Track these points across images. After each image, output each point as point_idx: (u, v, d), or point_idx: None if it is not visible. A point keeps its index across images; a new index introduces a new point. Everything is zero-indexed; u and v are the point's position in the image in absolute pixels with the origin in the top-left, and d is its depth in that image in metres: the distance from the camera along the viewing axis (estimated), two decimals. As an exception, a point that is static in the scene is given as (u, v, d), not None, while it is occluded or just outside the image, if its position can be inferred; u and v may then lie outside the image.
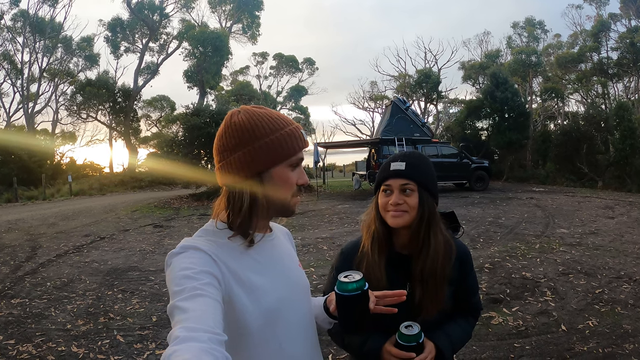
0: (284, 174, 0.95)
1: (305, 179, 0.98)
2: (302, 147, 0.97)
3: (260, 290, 0.91)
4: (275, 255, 1.01)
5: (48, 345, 3.56)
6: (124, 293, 4.92)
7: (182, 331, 0.68)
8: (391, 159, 1.30)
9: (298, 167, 0.97)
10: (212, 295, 0.79)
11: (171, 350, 0.65)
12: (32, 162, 20.54)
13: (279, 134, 0.94)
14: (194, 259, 0.85)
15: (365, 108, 36.87)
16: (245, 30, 33.24)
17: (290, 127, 0.96)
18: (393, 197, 1.24)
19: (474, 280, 1.39)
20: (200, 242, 0.89)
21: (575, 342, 3.33)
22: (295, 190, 0.97)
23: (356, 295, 0.93)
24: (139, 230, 9.37)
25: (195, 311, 0.73)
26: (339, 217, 10.43)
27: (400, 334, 1.15)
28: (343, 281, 0.94)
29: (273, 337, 0.92)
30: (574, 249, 6.29)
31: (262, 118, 0.94)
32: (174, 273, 0.83)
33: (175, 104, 33.95)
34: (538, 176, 19.85)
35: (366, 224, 1.32)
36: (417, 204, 1.23)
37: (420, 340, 1.14)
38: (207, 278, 0.81)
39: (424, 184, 1.25)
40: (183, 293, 0.77)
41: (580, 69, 26.27)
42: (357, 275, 0.95)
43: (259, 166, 0.92)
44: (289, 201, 0.97)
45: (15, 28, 27.71)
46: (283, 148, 0.94)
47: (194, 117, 15.93)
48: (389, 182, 1.26)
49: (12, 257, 6.97)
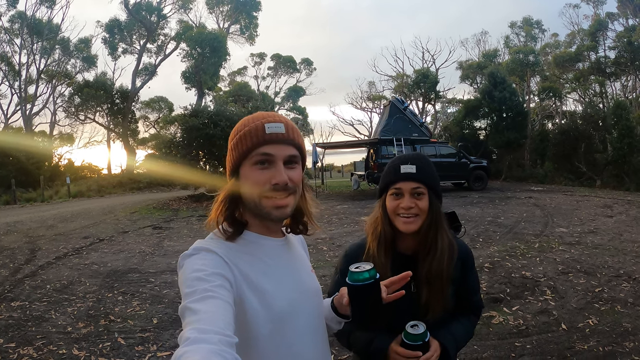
0: (250, 173, 0.93)
1: (280, 178, 0.91)
2: (259, 141, 0.91)
3: (270, 294, 0.91)
4: (287, 258, 1.00)
5: (49, 349, 3.55)
6: (124, 295, 4.91)
7: (193, 332, 0.68)
8: (399, 161, 1.29)
9: (270, 165, 0.92)
10: (223, 297, 0.79)
11: (182, 352, 0.65)
12: (30, 164, 20.47)
13: (242, 133, 0.93)
14: (206, 261, 0.85)
15: (363, 108, 36.88)
16: (243, 31, 33.21)
17: (254, 123, 0.93)
18: (405, 201, 1.24)
19: (475, 279, 1.40)
20: (212, 245, 0.90)
21: (576, 341, 3.34)
22: (265, 190, 0.91)
23: (369, 284, 0.92)
24: (138, 231, 9.36)
25: (206, 313, 0.73)
26: (338, 217, 10.43)
27: (406, 334, 1.16)
28: (354, 271, 0.93)
29: (283, 341, 0.92)
30: (573, 248, 6.31)
31: (241, 121, 0.97)
32: (185, 274, 0.83)
33: (174, 105, 33.82)
34: (536, 175, 19.89)
35: (371, 226, 1.32)
36: (427, 207, 1.24)
37: (426, 339, 1.16)
38: (218, 280, 0.82)
39: (433, 186, 1.26)
40: (194, 295, 0.77)
41: (577, 68, 26.31)
42: (368, 265, 0.95)
43: (231, 166, 0.96)
44: (259, 202, 0.92)
45: (12, 30, 27.59)
46: (242, 146, 0.93)
47: (192, 118, 15.89)
48: (399, 186, 1.25)
49: (12, 259, 6.94)
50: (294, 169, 0.96)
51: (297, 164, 0.97)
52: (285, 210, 0.94)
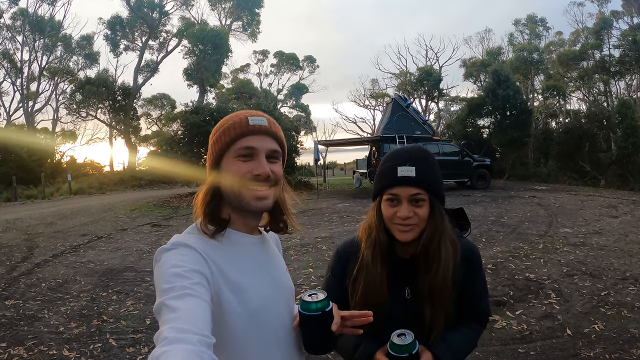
0: (231, 164, 0.94)
1: (262, 170, 0.92)
2: (241, 133, 0.93)
3: (247, 291, 0.91)
4: (263, 257, 1.01)
5: (39, 349, 3.47)
6: (119, 294, 4.82)
7: (171, 332, 0.67)
8: (395, 160, 1.12)
9: (252, 158, 0.93)
10: (201, 295, 0.78)
11: (160, 351, 0.64)
12: (32, 161, 20.47)
13: (225, 127, 0.95)
14: (185, 257, 0.84)
15: (366, 106, 36.72)
16: (245, 28, 33.07)
17: (239, 116, 0.96)
18: (402, 210, 1.08)
19: (482, 282, 1.23)
20: (191, 240, 0.89)
21: (581, 348, 3.23)
22: (246, 180, 0.92)
23: (316, 315, 0.93)
24: (136, 229, 9.29)
25: (184, 311, 0.72)
26: (339, 215, 10.33)
27: (391, 344, 1.04)
28: (306, 300, 0.94)
29: (258, 338, 0.92)
30: (578, 249, 6.18)
31: (225, 117, 0.99)
32: (163, 269, 0.82)
33: (176, 102, 33.88)
34: (540, 174, 19.73)
35: (366, 231, 1.19)
36: (427, 215, 1.09)
37: (414, 351, 1.04)
38: (197, 277, 0.81)
39: (436, 191, 1.10)
40: (172, 291, 0.76)
41: (582, 67, 26.03)
42: (322, 294, 0.94)
43: (212, 159, 0.96)
44: (240, 192, 0.92)
45: (14, 27, 27.61)
46: (224, 138, 0.94)
47: (194, 115, 15.84)
48: (396, 192, 1.10)
49: (9, 257, 6.88)
50: (276, 163, 0.98)
51: (279, 159, 0.99)
52: (266, 202, 0.95)
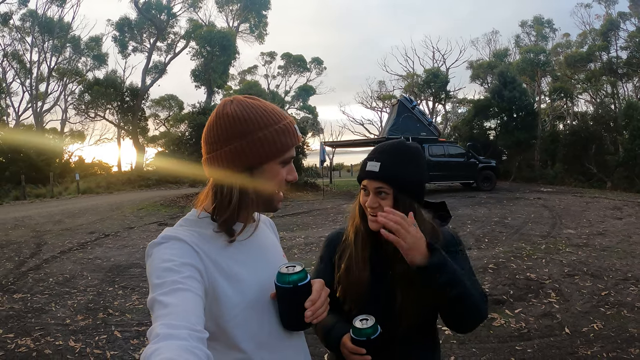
0: (274, 170, 0.93)
1: (295, 175, 0.96)
2: (295, 143, 0.95)
3: (243, 281, 0.90)
4: (259, 244, 0.99)
5: (46, 340, 3.57)
6: (125, 289, 4.92)
7: (163, 328, 0.67)
8: (369, 155, 1.21)
9: (289, 164, 0.96)
10: (193, 289, 0.77)
11: (152, 349, 0.64)
12: (41, 161, 20.70)
13: (273, 129, 0.91)
14: (176, 250, 0.83)
15: (373, 108, 36.62)
16: (253, 30, 33.23)
17: (284, 122, 0.93)
18: (369, 200, 1.16)
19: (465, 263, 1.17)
20: (181, 233, 0.88)
21: (579, 346, 3.25)
22: (282, 186, 0.95)
23: (289, 288, 0.90)
24: (143, 227, 9.41)
25: (176, 306, 0.72)
26: (343, 216, 10.37)
27: (353, 328, 1.07)
28: (282, 272, 0.92)
29: (257, 327, 0.91)
30: (580, 250, 6.19)
31: (255, 110, 0.91)
32: (155, 264, 0.81)
33: (183, 103, 34.05)
34: (546, 176, 19.61)
35: (351, 217, 1.27)
36: (391, 208, 1.12)
37: (373, 336, 1.04)
38: (188, 271, 0.80)
39: (400, 185, 1.14)
40: (164, 287, 0.76)
41: (589, 69, 25.87)
42: (299, 267, 0.92)
43: (251, 161, 0.90)
44: (272, 196, 0.95)
45: (24, 28, 27.96)
46: (277, 144, 0.91)
47: (201, 116, 15.98)
48: (365, 184, 1.18)
49: (17, 253, 7.02)
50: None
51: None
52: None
